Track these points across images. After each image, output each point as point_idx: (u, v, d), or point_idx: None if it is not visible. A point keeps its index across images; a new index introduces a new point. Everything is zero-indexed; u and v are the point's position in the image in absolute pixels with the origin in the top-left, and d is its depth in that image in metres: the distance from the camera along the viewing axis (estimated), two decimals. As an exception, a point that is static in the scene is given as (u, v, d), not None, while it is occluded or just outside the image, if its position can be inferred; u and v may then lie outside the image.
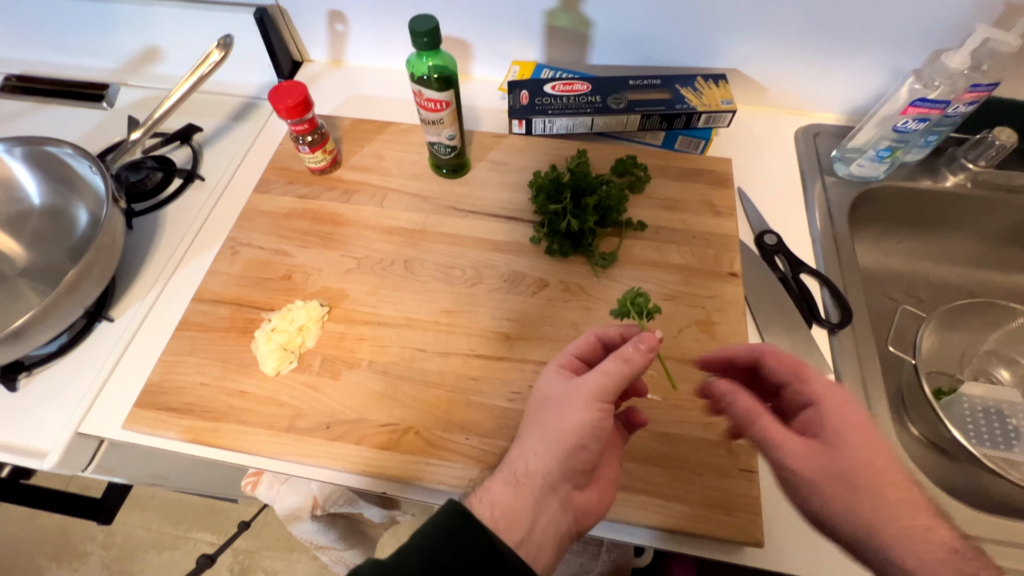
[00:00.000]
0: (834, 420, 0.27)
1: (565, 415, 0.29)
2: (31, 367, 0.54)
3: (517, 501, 0.27)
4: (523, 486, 0.28)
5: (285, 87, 0.54)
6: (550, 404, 0.30)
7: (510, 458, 0.29)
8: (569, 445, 0.28)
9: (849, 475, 0.26)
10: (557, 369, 0.31)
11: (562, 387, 0.30)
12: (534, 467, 0.28)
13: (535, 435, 0.29)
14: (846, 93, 0.67)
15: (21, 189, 0.60)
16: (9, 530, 1.26)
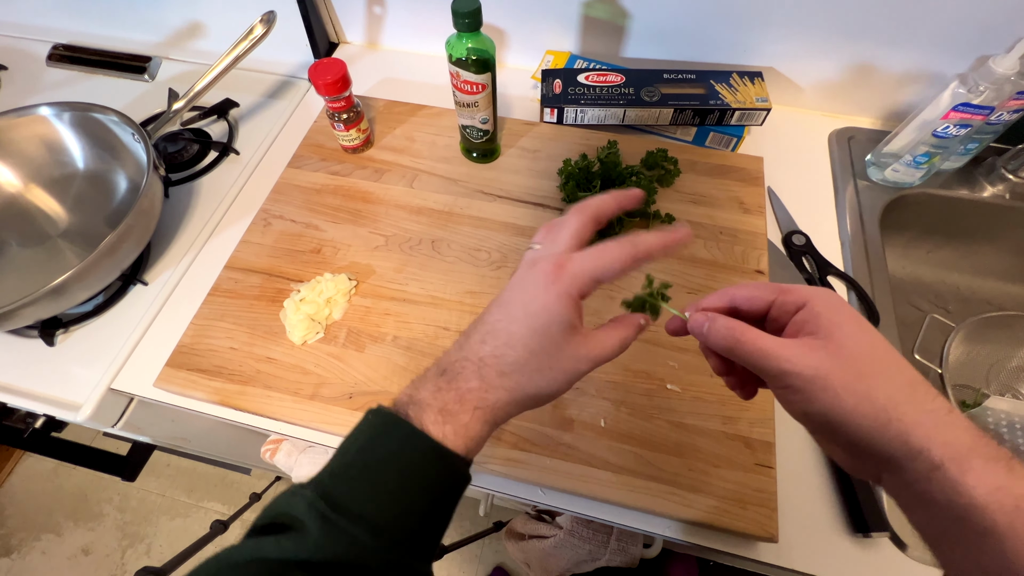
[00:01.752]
0: (828, 312, 0.25)
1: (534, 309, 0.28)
2: (68, 324, 0.56)
3: (463, 421, 0.26)
4: (470, 407, 0.27)
5: (326, 63, 0.55)
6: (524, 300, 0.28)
7: (453, 362, 0.28)
8: (542, 357, 0.27)
9: (856, 363, 0.23)
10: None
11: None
12: (488, 400, 0.27)
13: (494, 338, 0.28)
14: (884, 97, 0.66)
15: (67, 153, 0.62)
16: (32, 487, 1.30)
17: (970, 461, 0.21)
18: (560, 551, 0.57)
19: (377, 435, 0.26)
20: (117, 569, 1.20)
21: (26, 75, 0.80)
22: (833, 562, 0.42)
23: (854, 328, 0.24)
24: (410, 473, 0.25)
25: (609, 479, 0.43)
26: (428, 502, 0.25)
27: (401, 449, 0.25)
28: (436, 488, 0.26)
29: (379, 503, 0.24)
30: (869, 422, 0.23)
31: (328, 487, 0.25)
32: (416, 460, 0.25)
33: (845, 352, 0.23)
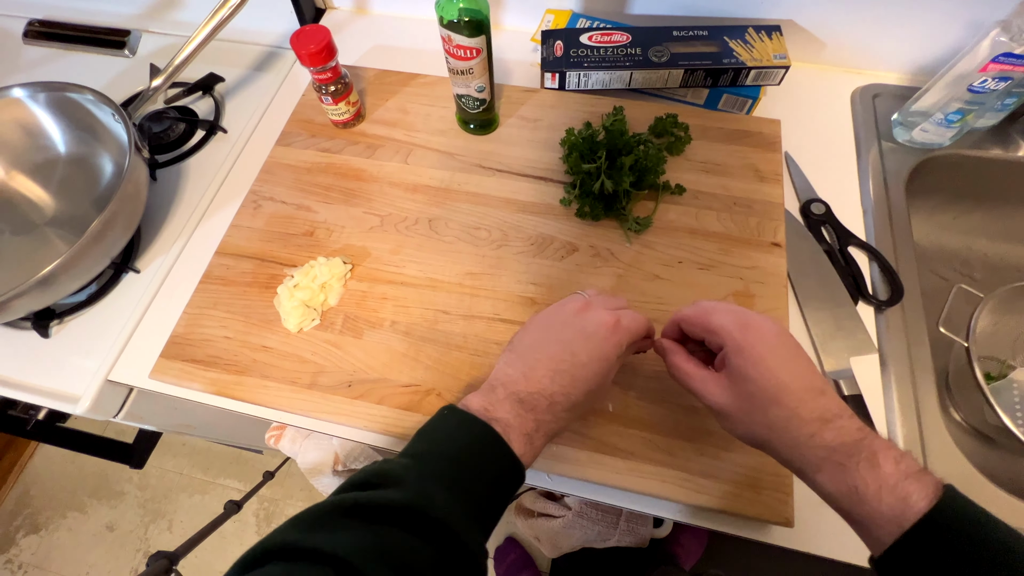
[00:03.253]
0: (735, 357, 0.32)
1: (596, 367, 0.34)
2: (62, 315, 0.54)
3: (536, 445, 0.33)
4: (543, 434, 0.33)
5: (308, 31, 0.51)
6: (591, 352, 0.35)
7: (529, 393, 0.33)
8: (594, 394, 0.35)
9: (746, 402, 0.32)
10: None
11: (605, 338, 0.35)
12: (553, 429, 0.34)
13: (562, 378, 0.34)
14: (914, 49, 0.60)
15: (47, 136, 0.59)
16: (55, 468, 1.34)
17: (819, 467, 0.29)
18: (569, 531, 0.57)
19: (473, 440, 0.31)
20: (142, 544, 1.24)
21: (3, 54, 0.76)
22: (851, 545, 0.41)
23: (753, 372, 0.31)
24: (494, 473, 0.31)
25: (617, 465, 0.41)
26: (498, 497, 0.31)
27: (489, 451, 0.31)
28: (506, 489, 0.32)
29: (464, 481, 0.30)
30: (760, 444, 0.32)
31: (422, 457, 0.31)
32: (498, 467, 0.31)
33: (741, 395, 0.32)
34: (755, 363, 0.31)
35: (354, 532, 0.26)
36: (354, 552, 0.25)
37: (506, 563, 1.14)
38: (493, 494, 0.31)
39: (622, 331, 0.35)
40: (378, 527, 0.26)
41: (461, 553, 0.28)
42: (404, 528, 0.27)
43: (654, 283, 0.48)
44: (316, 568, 0.24)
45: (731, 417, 0.32)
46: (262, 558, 0.25)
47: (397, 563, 0.25)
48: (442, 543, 0.27)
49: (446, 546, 0.27)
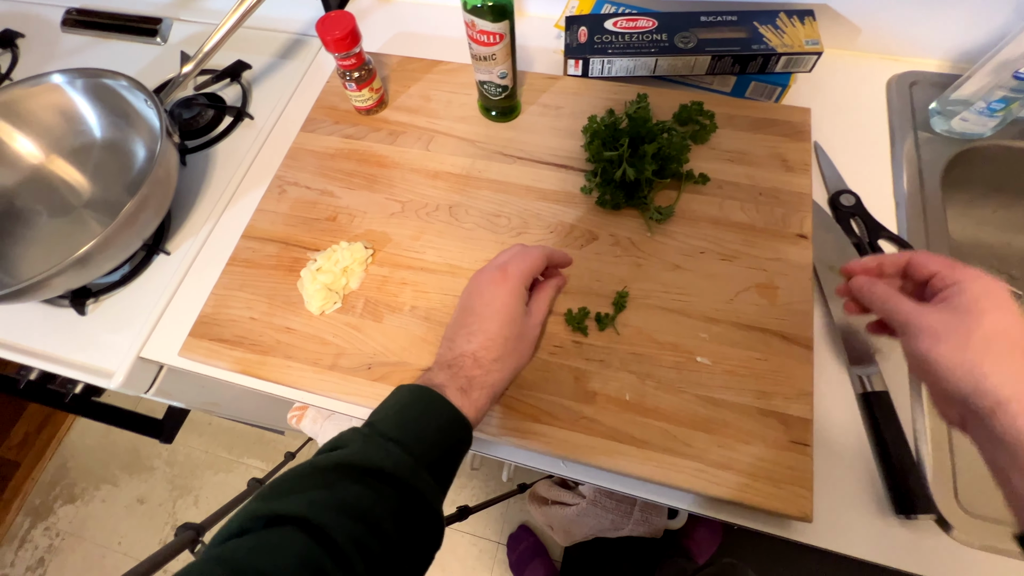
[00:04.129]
0: (974, 292, 0.30)
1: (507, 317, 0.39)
2: (97, 294, 0.57)
3: (474, 397, 0.37)
4: (479, 387, 0.37)
5: (333, 17, 0.51)
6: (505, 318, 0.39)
7: (453, 358, 0.38)
8: (515, 340, 0.39)
9: (969, 326, 0.29)
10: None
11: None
12: (489, 380, 0.37)
13: (476, 337, 0.38)
14: (956, 35, 0.58)
15: (84, 122, 0.61)
16: (89, 443, 1.40)
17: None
18: (583, 519, 0.57)
19: (413, 399, 0.35)
20: (169, 518, 1.29)
21: (43, 42, 0.79)
22: (871, 543, 0.40)
23: (986, 308, 0.29)
24: (436, 425, 0.34)
25: (633, 453, 0.41)
26: (446, 446, 0.34)
27: (429, 406, 0.35)
28: (453, 438, 0.35)
29: (410, 435, 0.33)
30: (955, 364, 0.29)
31: (372, 422, 0.34)
32: (441, 419, 0.34)
33: (965, 320, 0.29)
34: (997, 299, 0.30)
35: (312, 492, 0.29)
36: (313, 508, 0.27)
37: (519, 550, 1.15)
38: (442, 447, 0.34)
39: (510, 276, 0.39)
40: (334, 483, 0.29)
41: (416, 500, 0.31)
42: (357, 481, 0.29)
43: (674, 273, 0.48)
44: (279, 528, 0.27)
45: (940, 335, 0.30)
46: (237, 532, 0.27)
47: (354, 513, 0.28)
48: (396, 492, 0.30)
49: (400, 494, 0.30)
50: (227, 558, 0.26)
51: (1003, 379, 0.27)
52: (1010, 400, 0.27)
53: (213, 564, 0.25)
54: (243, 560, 0.25)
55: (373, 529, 0.28)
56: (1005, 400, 0.27)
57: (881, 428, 0.42)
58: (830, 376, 0.45)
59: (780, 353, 0.44)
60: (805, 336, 0.44)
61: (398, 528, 0.29)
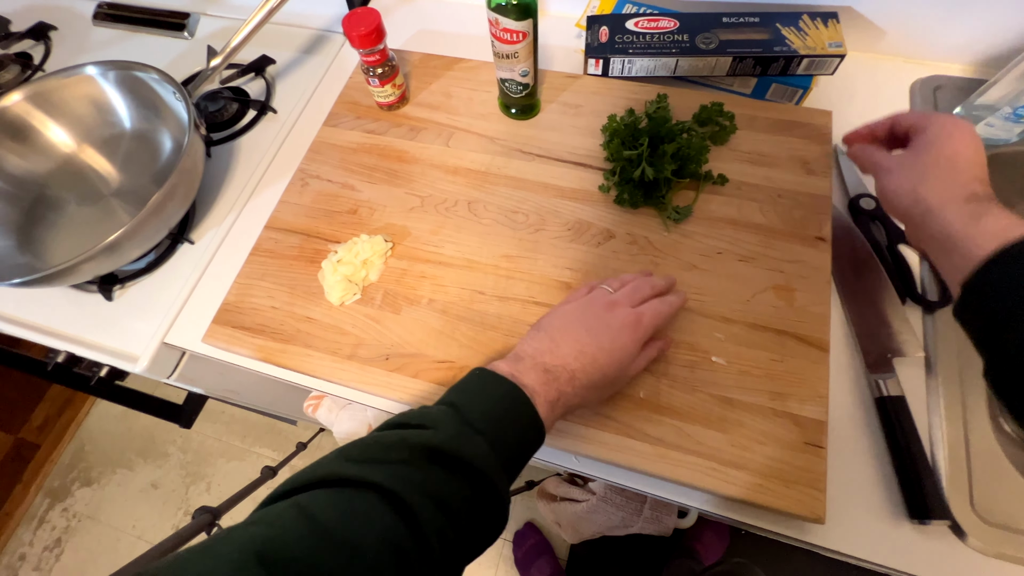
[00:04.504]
0: (930, 132, 0.37)
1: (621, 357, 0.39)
2: (124, 280, 0.58)
3: (556, 413, 0.36)
4: (562, 405, 0.36)
5: (359, 14, 0.52)
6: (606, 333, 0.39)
7: (554, 365, 0.37)
8: (611, 379, 0.39)
9: (915, 160, 0.37)
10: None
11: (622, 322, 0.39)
12: (572, 402, 0.37)
13: (584, 359, 0.37)
14: (983, 39, 0.57)
15: (115, 113, 0.63)
16: (107, 427, 1.43)
17: (950, 204, 0.34)
18: (592, 516, 0.57)
19: (503, 396, 0.34)
20: (182, 503, 1.32)
21: (74, 35, 0.81)
22: (884, 547, 0.40)
23: (934, 142, 0.37)
24: (520, 428, 0.34)
25: (646, 451, 0.42)
26: (521, 453, 0.34)
27: (517, 408, 0.34)
28: (528, 447, 0.35)
29: (496, 432, 0.32)
30: (902, 190, 0.37)
31: (458, 407, 0.33)
32: (524, 424, 0.34)
33: (914, 156, 0.38)
34: (946, 135, 0.36)
35: (396, 466, 0.28)
36: (399, 483, 0.27)
37: (525, 547, 1.16)
38: (518, 450, 0.33)
39: (642, 328, 0.39)
40: (418, 462, 0.29)
41: (492, 496, 0.30)
42: (442, 465, 0.29)
43: (691, 272, 0.48)
44: (361, 492, 0.26)
45: (893, 170, 0.38)
46: (309, 485, 0.27)
47: (439, 499, 0.28)
48: (476, 485, 0.30)
49: (479, 488, 0.30)
50: (313, 513, 0.25)
51: (929, 192, 0.35)
52: (932, 205, 0.35)
53: (297, 513, 0.25)
54: (330, 519, 0.25)
55: (453, 519, 0.28)
56: (931, 206, 0.35)
57: (897, 433, 0.42)
58: (846, 379, 0.45)
59: (796, 355, 0.44)
60: (822, 339, 0.44)
61: (472, 521, 0.29)
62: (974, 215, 0.33)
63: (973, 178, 0.36)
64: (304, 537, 0.24)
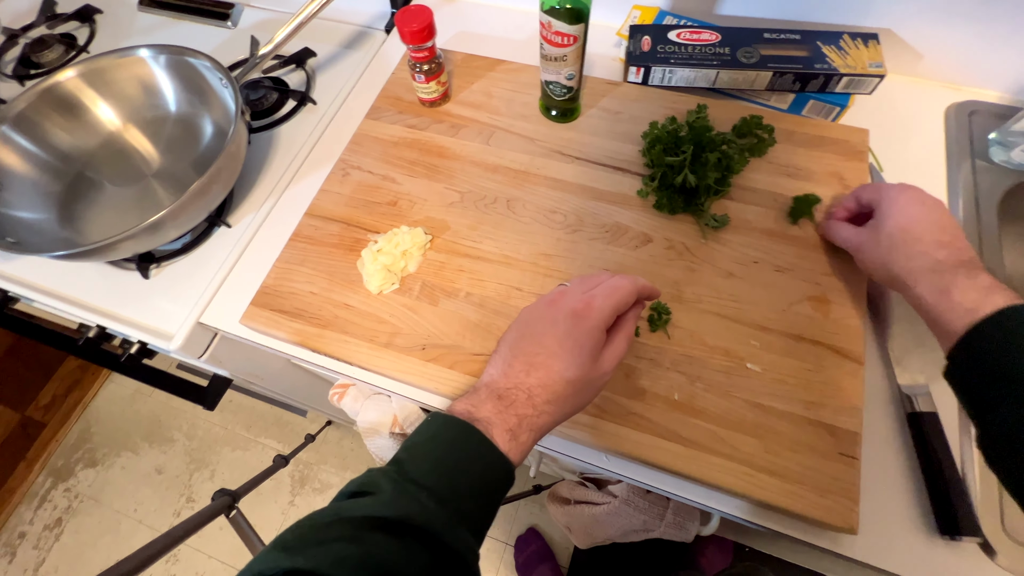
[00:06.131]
0: (884, 206, 0.41)
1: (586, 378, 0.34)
2: (160, 260, 0.59)
3: (522, 440, 0.32)
4: (527, 428, 0.32)
5: (413, 10, 0.53)
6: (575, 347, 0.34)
7: (507, 388, 0.33)
8: (579, 383, 0.34)
9: (879, 235, 0.41)
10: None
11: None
12: (538, 423, 0.33)
13: (537, 372, 0.33)
14: (1018, 68, 0.58)
15: (161, 95, 0.64)
16: (114, 410, 1.44)
17: (921, 277, 0.37)
18: (612, 519, 0.57)
19: (453, 439, 0.31)
20: (185, 489, 1.32)
21: (119, 19, 0.83)
22: (913, 562, 0.40)
23: (890, 214, 0.41)
24: (477, 471, 0.31)
25: (680, 451, 0.42)
26: (485, 495, 0.31)
27: (470, 450, 0.31)
28: (493, 486, 0.31)
29: (446, 484, 0.29)
30: (877, 264, 0.41)
31: (403, 466, 0.30)
32: (482, 464, 0.31)
33: (877, 231, 0.41)
34: (899, 206, 0.41)
35: (336, 544, 0.26)
36: (333, 564, 0.25)
37: (526, 553, 1.15)
38: (480, 492, 0.30)
39: (594, 312, 0.34)
40: (360, 536, 0.26)
41: (445, 553, 0.27)
42: (384, 533, 0.27)
43: (728, 280, 0.49)
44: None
45: (864, 248, 0.42)
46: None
47: (378, 570, 0.25)
48: (424, 544, 0.27)
49: (429, 547, 0.27)
50: None
51: (900, 267, 0.39)
52: (906, 279, 0.38)
53: None
54: None
55: None
56: (904, 280, 0.38)
57: (929, 448, 0.42)
58: (879, 393, 0.46)
59: (831, 366, 0.44)
60: (856, 351, 0.45)
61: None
62: (943, 289, 0.35)
63: (935, 244, 0.38)
64: None
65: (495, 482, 0.31)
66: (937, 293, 0.35)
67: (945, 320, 0.35)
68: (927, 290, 0.36)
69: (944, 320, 0.35)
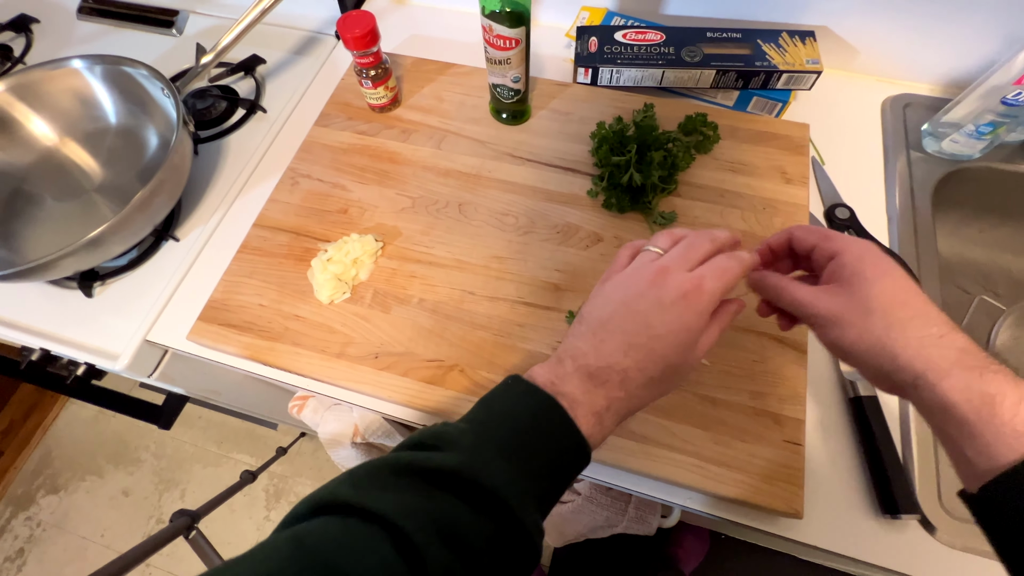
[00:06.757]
0: (853, 263, 0.30)
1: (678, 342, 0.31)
2: (105, 277, 0.57)
3: (606, 425, 0.30)
4: (614, 413, 0.31)
5: (355, 16, 0.53)
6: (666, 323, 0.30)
7: (599, 367, 0.30)
8: (676, 368, 0.31)
9: (864, 303, 0.29)
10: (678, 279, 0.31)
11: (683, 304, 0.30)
12: (626, 407, 0.31)
13: (636, 352, 0.30)
14: (948, 61, 0.61)
15: (100, 107, 0.62)
16: (75, 433, 1.39)
17: (948, 371, 0.26)
18: (578, 516, 0.58)
19: (536, 413, 0.29)
20: (154, 511, 1.28)
21: (58, 28, 0.80)
22: (858, 542, 0.41)
23: (873, 273, 0.29)
24: (556, 450, 0.29)
25: (633, 448, 0.43)
26: (558, 475, 0.29)
27: (553, 427, 0.29)
28: (569, 468, 0.30)
29: (524, 456, 0.28)
30: (871, 350, 0.29)
31: (482, 428, 0.29)
32: (562, 444, 0.29)
33: (859, 296, 0.29)
34: (876, 265, 0.30)
35: (405, 494, 0.25)
36: (402, 514, 0.24)
37: (507, 553, 1.15)
38: (554, 472, 0.29)
39: (706, 295, 0.30)
40: (429, 490, 0.26)
41: (513, 527, 0.26)
42: (455, 494, 0.26)
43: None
44: (366, 525, 0.24)
45: (842, 321, 0.30)
46: (314, 512, 0.25)
47: (445, 531, 0.24)
48: (494, 514, 0.26)
49: (498, 518, 0.26)
50: (308, 545, 0.23)
51: (912, 352, 0.27)
52: (925, 372, 0.27)
53: (290, 547, 0.23)
54: (325, 551, 0.23)
55: (465, 558, 0.24)
56: (921, 372, 0.27)
57: (870, 431, 0.44)
58: (821, 380, 0.47)
59: (775, 355, 0.45)
60: (800, 341, 0.46)
61: (492, 559, 0.25)
62: (984, 397, 0.25)
63: (946, 324, 0.28)
64: (297, 574, 0.22)
65: (571, 464, 0.30)
66: (978, 402, 0.25)
67: (983, 442, 0.25)
68: (962, 394, 0.26)
69: (982, 441, 0.25)
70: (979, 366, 0.26)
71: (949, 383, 0.26)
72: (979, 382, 0.26)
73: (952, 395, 0.26)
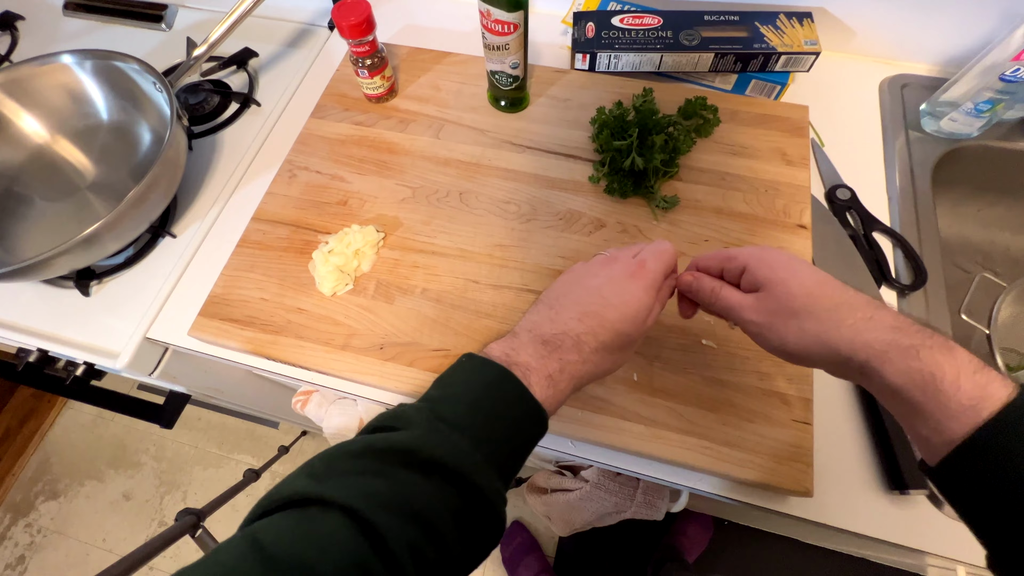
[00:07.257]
0: (761, 271, 0.32)
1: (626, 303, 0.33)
2: (102, 275, 0.56)
3: (561, 388, 0.32)
4: (568, 376, 0.32)
5: (350, 4, 0.52)
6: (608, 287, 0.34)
7: (554, 334, 0.32)
8: (626, 337, 0.33)
9: (787, 305, 0.30)
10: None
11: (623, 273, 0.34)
12: (581, 371, 0.32)
13: (590, 319, 0.33)
14: (945, 40, 0.61)
15: (91, 103, 0.61)
16: (73, 438, 1.37)
17: (886, 354, 0.27)
18: (585, 503, 0.58)
19: (489, 383, 0.30)
20: (156, 513, 1.27)
21: (43, 25, 0.78)
22: (868, 518, 0.42)
23: (783, 276, 0.31)
24: (511, 417, 0.30)
25: (641, 432, 0.42)
26: (517, 442, 0.30)
27: (506, 395, 0.30)
28: (527, 435, 0.31)
29: (479, 426, 0.29)
30: (812, 347, 0.30)
31: (436, 405, 0.29)
32: (517, 411, 0.30)
33: (779, 299, 0.31)
34: (784, 267, 0.31)
35: (363, 477, 0.25)
36: (360, 498, 0.24)
37: (512, 546, 1.15)
38: (512, 439, 0.30)
39: (649, 272, 0.34)
40: (388, 471, 0.26)
41: (475, 496, 0.27)
42: (414, 470, 0.26)
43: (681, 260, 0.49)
44: (325, 513, 0.24)
45: (775, 325, 0.31)
46: (273, 508, 0.25)
47: (406, 508, 0.25)
48: (454, 486, 0.26)
49: (459, 489, 0.26)
50: (267, 542, 0.23)
51: (848, 342, 0.28)
52: (868, 360, 0.27)
53: (248, 548, 0.23)
54: (284, 546, 0.23)
55: (429, 533, 0.25)
56: (864, 361, 0.27)
57: (875, 408, 0.44)
58: (828, 360, 0.47)
59: (782, 336, 0.45)
60: (805, 321, 0.46)
61: (457, 531, 0.26)
62: (926, 375, 0.25)
63: (868, 304, 0.29)
64: (249, 571, 0.22)
65: (528, 430, 0.31)
66: (920, 382, 0.26)
67: (934, 420, 0.25)
68: (904, 378, 0.26)
69: (933, 419, 0.25)
70: (914, 344, 0.26)
71: (891, 368, 0.27)
72: (917, 362, 0.26)
73: (895, 379, 0.26)
